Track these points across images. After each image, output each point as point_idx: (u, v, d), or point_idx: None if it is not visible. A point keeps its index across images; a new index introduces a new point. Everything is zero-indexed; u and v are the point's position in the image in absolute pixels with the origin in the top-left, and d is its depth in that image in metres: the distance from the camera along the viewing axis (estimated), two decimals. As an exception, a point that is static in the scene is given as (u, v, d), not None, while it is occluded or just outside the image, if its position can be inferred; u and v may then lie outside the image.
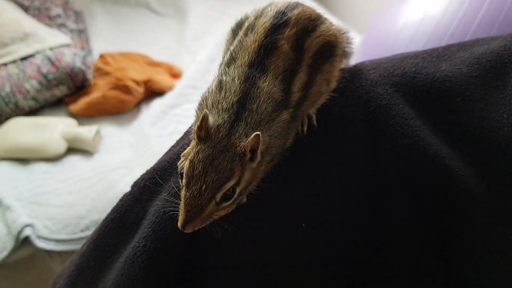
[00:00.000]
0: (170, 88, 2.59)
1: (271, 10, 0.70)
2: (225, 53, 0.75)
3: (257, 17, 0.70)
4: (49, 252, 1.87)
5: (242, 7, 0.78)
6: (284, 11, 0.69)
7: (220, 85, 0.66)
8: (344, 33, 0.79)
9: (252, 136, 0.59)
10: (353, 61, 0.88)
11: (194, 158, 0.60)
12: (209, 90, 0.68)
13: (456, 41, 0.87)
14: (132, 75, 2.48)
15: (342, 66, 0.78)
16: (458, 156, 0.68)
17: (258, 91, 0.63)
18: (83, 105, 2.37)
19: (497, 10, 0.90)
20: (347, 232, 0.71)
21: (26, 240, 1.82)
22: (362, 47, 1.27)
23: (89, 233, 1.89)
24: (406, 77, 0.74)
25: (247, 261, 0.70)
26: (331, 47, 0.72)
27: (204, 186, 0.58)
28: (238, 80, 0.65)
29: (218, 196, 0.59)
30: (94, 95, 2.39)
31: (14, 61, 2.46)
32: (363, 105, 0.72)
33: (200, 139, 0.61)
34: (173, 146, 0.78)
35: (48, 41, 2.58)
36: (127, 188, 0.79)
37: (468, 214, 0.66)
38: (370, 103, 0.72)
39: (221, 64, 0.72)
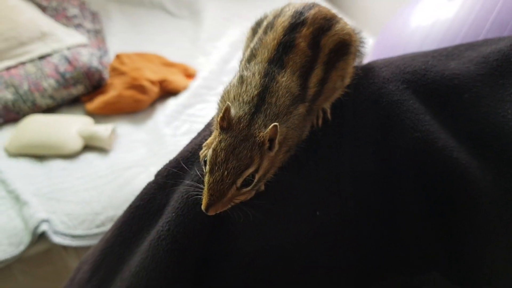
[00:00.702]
0: (185, 88, 2.62)
1: (289, 10, 0.74)
2: (245, 50, 0.78)
3: (275, 16, 0.74)
4: (65, 247, 1.90)
5: (256, 10, 0.81)
6: (301, 11, 0.72)
7: (241, 79, 0.69)
8: (357, 32, 0.82)
9: (270, 126, 0.62)
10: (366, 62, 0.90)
11: (217, 146, 0.63)
12: (231, 84, 0.72)
13: (467, 44, 0.89)
14: (147, 75, 2.52)
15: (356, 64, 0.81)
16: (465, 149, 0.71)
17: (277, 85, 0.67)
18: (99, 104, 2.41)
19: (508, 14, 0.91)
20: (359, 222, 0.74)
21: (43, 235, 1.85)
22: (374, 49, 1.29)
23: (104, 229, 1.92)
24: (417, 75, 0.77)
25: (265, 248, 0.73)
26: (346, 45, 0.75)
27: (226, 172, 0.62)
28: (258, 75, 0.68)
29: (239, 181, 0.63)
30: (110, 94, 2.43)
31: (32, 60, 2.51)
32: (375, 100, 0.75)
33: (222, 129, 0.64)
34: (194, 138, 0.81)
35: (65, 40, 2.63)
36: (142, 186, 0.82)
37: (474, 204, 0.68)
38: (382, 99, 0.74)
39: (241, 60, 0.76)
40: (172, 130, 2.36)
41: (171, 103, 2.53)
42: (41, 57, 2.53)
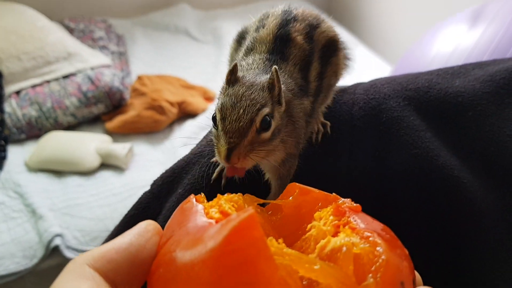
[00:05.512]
0: (203, 110, 2.66)
1: (275, 11, 0.73)
2: (233, 56, 0.77)
3: (261, 20, 0.73)
4: (76, 263, 1.92)
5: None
6: (289, 10, 0.72)
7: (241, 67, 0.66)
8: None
9: (272, 69, 0.59)
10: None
11: (225, 97, 0.59)
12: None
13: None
14: (167, 96, 2.57)
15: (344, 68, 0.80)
16: (467, 168, 0.69)
17: (281, 70, 0.65)
18: (119, 123, 2.46)
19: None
20: None
21: (56, 249, 1.88)
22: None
23: (115, 246, 1.94)
24: (419, 92, 0.75)
25: None
26: (335, 41, 0.75)
27: (241, 110, 0.57)
28: (260, 60, 0.66)
29: (257, 119, 0.57)
30: (129, 114, 2.49)
31: (56, 79, 2.59)
32: (375, 116, 0.73)
33: (229, 83, 0.60)
34: (192, 148, 0.81)
35: (89, 61, 2.71)
36: None
37: (474, 225, 0.66)
38: (382, 114, 0.73)
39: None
40: (188, 151, 2.36)
41: (189, 124, 2.57)
42: (65, 76, 2.61)
